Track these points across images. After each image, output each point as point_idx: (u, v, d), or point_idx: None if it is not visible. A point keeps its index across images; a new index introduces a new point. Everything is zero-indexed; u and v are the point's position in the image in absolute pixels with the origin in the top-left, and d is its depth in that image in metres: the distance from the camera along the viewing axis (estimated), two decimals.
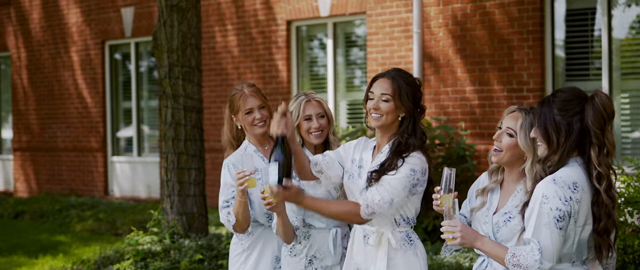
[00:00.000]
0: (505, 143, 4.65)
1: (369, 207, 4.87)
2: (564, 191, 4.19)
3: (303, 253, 5.43)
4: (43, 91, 18.57)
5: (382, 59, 12.99)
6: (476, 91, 11.99)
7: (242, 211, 5.45)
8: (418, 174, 4.91)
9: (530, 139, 4.54)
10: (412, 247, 5.03)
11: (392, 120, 4.96)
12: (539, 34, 11.45)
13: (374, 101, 4.94)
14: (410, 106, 4.94)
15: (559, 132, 4.29)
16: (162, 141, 9.89)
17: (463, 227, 4.35)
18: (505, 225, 4.59)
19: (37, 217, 16.08)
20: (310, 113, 5.47)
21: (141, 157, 17.01)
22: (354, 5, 13.33)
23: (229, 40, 15.02)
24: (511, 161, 4.66)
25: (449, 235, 4.35)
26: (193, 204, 9.84)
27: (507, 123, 4.67)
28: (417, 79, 5.06)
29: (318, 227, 5.42)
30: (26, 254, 12.33)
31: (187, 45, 9.80)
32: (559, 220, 4.18)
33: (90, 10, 17.36)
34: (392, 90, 4.91)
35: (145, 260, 9.07)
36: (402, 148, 4.92)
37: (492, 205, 4.71)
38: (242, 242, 5.69)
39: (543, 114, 4.33)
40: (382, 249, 4.99)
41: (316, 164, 5.09)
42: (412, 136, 4.94)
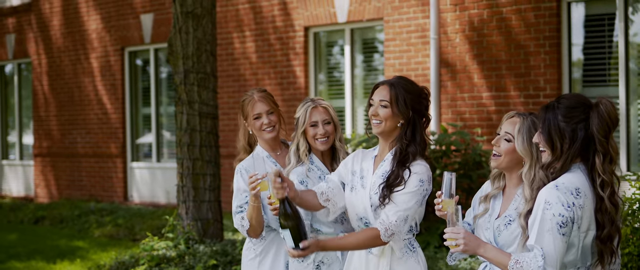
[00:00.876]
0: (504, 148, 4.66)
1: (387, 230, 4.88)
2: (567, 197, 4.19)
3: (310, 259, 5.44)
4: (63, 97, 18.69)
5: (399, 64, 13.00)
6: (493, 97, 11.98)
7: (255, 216, 5.48)
8: (426, 184, 4.95)
9: (528, 144, 4.55)
10: (414, 254, 5.05)
11: (391, 127, 4.98)
12: (556, 39, 11.43)
13: (373, 108, 4.99)
14: (408, 113, 4.95)
15: (563, 139, 4.29)
16: (178, 147, 9.94)
17: (466, 234, 4.35)
18: (505, 228, 4.59)
19: (56, 223, 16.18)
20: (316, 119, 5.49)
21: (160, 163, 17.08)
22: (371, 11, 13.35)
23: (247, 47, 15.07)
24: (510, 166, 4.67)
25: (452, 242, 4.34)
26: (208, 209, 9.88)
27: (505, 128, 4.68)
28: (422, 88, 5.07)
29: (326, 232, 5.44)
30: (44, 259, 12.41)
31: (202, 52, 9.85)
32: (561, 226, 4.18)
33: (110, 17, 17.47)
34: (390, 96, 4.94)
35: (159, 266, 9.12)
36: (403, 157, 4.94)
37: (495, 212, 4.72)
38: (254, 247, 5.72)
39: (547, 119, 4.33)
40: (385, 258, 5.00)
41: (322, 194, 5.10)
42: (411, 143, 4.96)
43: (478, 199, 4.84)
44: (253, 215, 5.48)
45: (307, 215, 5.43)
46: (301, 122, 5.51)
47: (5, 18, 20.13)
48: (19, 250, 13.21)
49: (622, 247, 8.17)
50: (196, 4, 9.79)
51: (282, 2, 14.52)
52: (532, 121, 4.60)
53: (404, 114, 4.95)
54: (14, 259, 12.53)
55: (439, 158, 11.06)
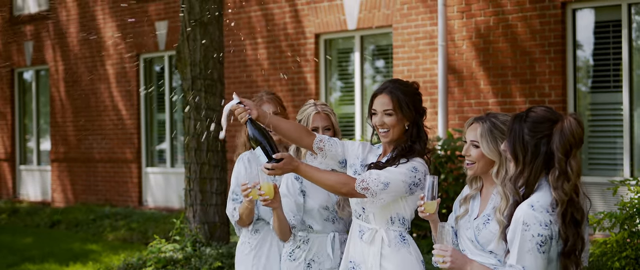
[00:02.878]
0: (474, 155, 4.77)
1: (364, 181, 4.96)
2: (543, 216, 4.26)
3: (302, 257, 5.59)
4: (80, 104, 18.94)
5: (408, 71, 13.15)
6: (499, 103, 12.12)
7: (247, 213, 5.72)
8: (420, 174, 5.04)
9: (493, 145, 4.68)
10: (406, 245, 5.14)
11: (399, 132, 5.12)
12: (561, 46, 11.56)
13: (378, 117, 5.11)
14: (413, 114, 5.10)
15: (526, 152, 4.34)
16: (185, 152, 10.13)
17: (454, 252, 4.46)
18: (484, 227, 4.71)
19: (72, 227, 16.41)
20: (317, 125, 5.59)
21: (174, 168, 17.28)
22: (380, 18, 13.52)
23: (259, 54, 15.26)
24: (485, 169, 4.80)
25: (440, 259, 4.46)
26: (215, 213, 10.06)
27: (469, 136, 4.80)
28: (413, 84, 5.20)
29: (316, 230, 5.59)
30: (57, 261, 12.62)
31: (210, 59, 10.04)
32: (541, 245, 4.25)
33: (126, 25, 17.70)
34: (393, 103, 5.06)
35: (166, 268, 9.30)
36: (405, 152, 5.08)
37: (474, 212, 4.85)
38: (249, 241, 5.89)
39: (514, 131, 4.39)
40: (376, 246, 5.12)
41: (320, 141, 5.22)
42: (416, 142, 5.11)
43: (459, 202, 4.98)
44: (245, 213, 5.71)
45: (299, 210, 5.60)
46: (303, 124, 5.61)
47: (24, 26, 20.41)
48: (33, 253, 13.43)
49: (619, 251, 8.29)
50: (203, 12, 9.98)
51: (293, 10, 14.71)
52: (492, 122, 4.73)
53: (408, 117, 5.09)
54: (28, 262, 12.75)
55: (444, 163, 11.20)
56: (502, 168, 4.70)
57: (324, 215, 5.60)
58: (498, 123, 4.72)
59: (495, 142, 4.70)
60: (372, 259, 5.13)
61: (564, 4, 11.56)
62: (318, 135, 5.26)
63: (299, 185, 5.62)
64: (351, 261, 5.24)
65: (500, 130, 4.70)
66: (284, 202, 5.52)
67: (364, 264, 5.18)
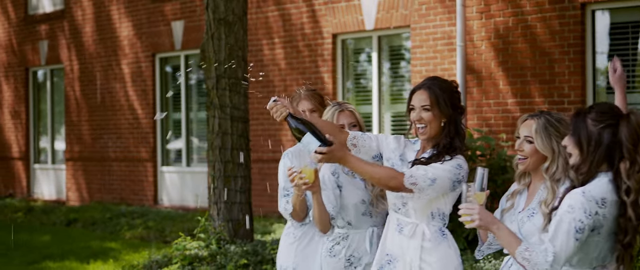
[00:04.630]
0: (528, 150, 4.89)
1: (412, 176, 5.02)
2: (590, 205, 4.35)
3: (342, 253, 5.65)
4: (95, 103, 19.03)
5: (426, 71, 13.21)
6: (518, 103, 12.18)
7: (299, 203, 5.69)
8: (463, 172, 5.12)
9: (547, 141, 4.80)
10: (445, 239, 5.22)
11: (436, 129, 5.17)
12: (580, 47, 11.62)
13: (416, 112, 5.17)
14: (450, 111, 5.16)
15: (589, 141, 4.46)
16: (210, 150, 10.20)
17: (480, 210, 4.51)
18: (529, 220, 4.83)
19: (88, 225, 16.48)
20: (343, 122, 5.65)
21: (190, 167, 17.36)
22: (398, 19, 13.58)
23: (276, 53, 15.33)
24: (536, 165, 4.91)
25: (467, 217, 4.52)
26: (239, 211, 10.14)
27: (523, 132, 4.92)
28: (452, 82, 5.29)
29: (354, 226, 5.65)
30: (78, 259, 12.70)
31: (234, 57, 10.12)
32: (577, 232, 4.34)
33: (141, 24, 17.79)
34: (431, 100, 5.12)
35: (192, 265, 9.38)
36: (448, 149, 5.15)
37: (519, 206, 4.97)
38: (294, 232, 5.94)
39: (577, 122, 4.51)
40: (416, 239, 5.19)
41: (354, 137, 5.28)
42: (455, 138, 5.18)
43: (506, 197, 5.09)
44: (297, 202, 5.70)
45: (337, 200, 5.65)
46: None
47: (39, 25, 20.51)
48: (52, 251, 13.50)
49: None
50: (228, 11, 10.06)
51: (310, 10, 14.78)
52: (546, 119, 4.87)
53: (445, 113, 5.16)
54: (48, 259, 12.83)
55: None
56: (554, 164, 4.82)
57: (361, 210, 5.66)
58: (552, 120, 4.85)
59: (549, 139, 4.82)
60: (412, 253, 5.19)
61: (583, 4, 11.62)
62: (351, 132, 5.33)
63: (335, 180, 5.69)
64: (388, 254, 5.30)
65: (554, 127, 4.83)
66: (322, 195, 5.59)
67: (402, 257, 5.23)
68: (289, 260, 5.93)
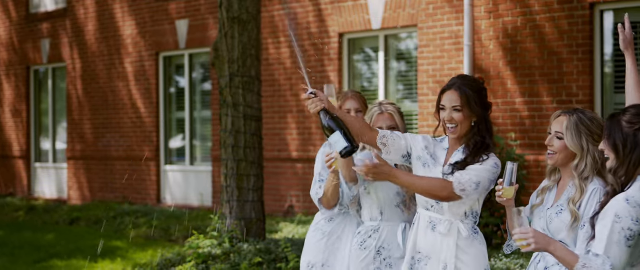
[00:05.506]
0: (557, 145, 4.96)
1: (461, 183, 5.11)
2: (637, 211, 4.38)
3: (372, 245, 5.69)
4: (97, 101, 19.02)
5: (432, 70, 13.24)
6: (526, 103, 12.21)
7: (332, 190, 5.76)
8: (499, 170, 5.22)
9: (577, 138, 4.86)
10: (478, 236, 5.32)
11: (467, 128, 5.24)
12: (588, 46, 11.65)
13: (446, 112, 5.22)
14: (480, 111, 5.23)
15: (625, 143, 4.50)
16: (222, 148, 10.20)
17: (535, 233, 4.53)
18: (557, 216, 4.89)
19: (91, 224, 16.46)
20: (380, 125, 5.68)
21: (193, 166, 17.36)
22: (405, 18, 13.60)
23: (281, 52, 15.34)
24: (565, 161, 4.98)
25: (523, 241, 4.52)
26: (251, 209, 10.15)
27: (555, 127, 4.98)
28: (479, 79, 5.35)
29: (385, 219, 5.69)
30: (85, 257, 12.68)
31: (247, 56, 10.13)
32: (628, 239, 4.39)
33: (145, 23, 17.78)
34: (461, 100, 5.18)
35: (206, 263, 9.38)
36: (479, 148, 5.22)
37: (548, 202, 5.02)
38: (322, 229, 5.98)
39: (612, 125, 4.55)
40: (452, 237, 5.24)
41: (384, 136, 5.29)
42: (486, 136, 5.25)
43: (536, 193, 5.14)
44: (330, 189, 5.76)
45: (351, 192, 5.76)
46: None
47: (40, 23, 20.49)
48: (58, 249, 13.49)
49: None
50: (242, 9, 10.07)
51: (317, 9, 14.79)
52: (578, 117, 4.93)
53: (476, 112, 5.21)
54: (55, 258, 12.81)
55: None
56: (582, 162, 4.88)
57: (395, 202, 5.70)
58: (585, 118, 4.91)
59: (580, 136, 4.88)
60: (447, 250, 5.24)
61: (592, 4, 11.66)
62: (381, 131, 5.34)
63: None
64: (420, 251, 5.33)
65: (585, 125, 4.89)
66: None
67: (435, 254, 5.27)
68: (318, 256, 5.96)
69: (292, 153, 15.29)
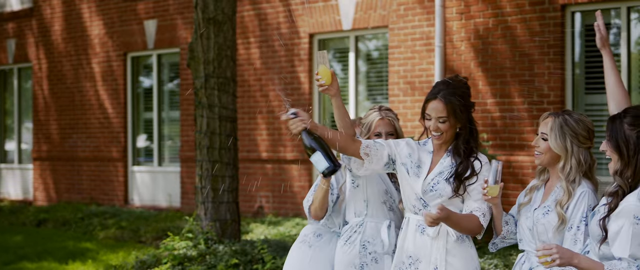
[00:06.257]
0: (543, 146, 5.06)
1: (485, 215, 5.20)
2: None
3: (357, 240, 5.70)
4: (64, 102, 18.87)
5: (403, 71, 13.27)
6: (497, 103, 12.27)
7: (321, 197, 5.77)
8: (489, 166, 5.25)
9: (561, 140, 4.95)
10: (467, 238, 5.34)
11: (452, 134, 5.28)
12: (560, 48, 11.73)
13: (432, 123, 5.24)
14: (465, 118, 5.25)
15: (628, 145, 4.57)
16: (197, 149, 10.17)
17: (558, 248, 4.48)
18: (543, 217, 4.97)
19: (59, 225, 16.34)
20: (380, 131, 5.71)
21: (161, 167, 17.28)
22: (376, 19, 13.62)
23: (251, 53, 15.31)
24: (551, 162, 5.07)
25: (548, 258, 4.48)
26: (226, 210, 10.12)
27: (541, 129, 5.08)
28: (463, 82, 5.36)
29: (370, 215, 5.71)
30: (56, 259, 12.59)
31: (223, 57, 10.11)
32: None
33: (113, 23, 17.68)
34: (447, 111, 5.19)
35: (182, 265, 9.35)
36: (467, 152, 5.26)
37: (536, 202, 5.10)
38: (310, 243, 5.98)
39: (614, 128, 4.62)
40: (441, 240, 5.27)
41: (367, 147, 5.30)
42: (471, 139, 5.29)
43: (524, 192, 5.23)
44: (319, 197, 5.78)
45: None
46: (366, 129, 5.75)
47: (6, 23, 20.30)
48: (27, 251, 13.37)
49: None
50: (218, 10, 10.04)
51: (287, 10, 14.78)
52: (564, 119, 5.00)
53: (462, 121, 5.25)
54: (25, 260, 12.71)
55: None
56: (567, 164, 4.96)
57: (381, 199, 5.72)
58: (570, 120, 4.97)
59: (564, 138, 4.96)
60: (437, 253, 5.25)
61: (563, 6, 11.74)
62: (364, 141, 5.34)
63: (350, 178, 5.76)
64: (410, 256, 5.34)
65: (570, 127, 4.95)
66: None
67: (425, 258, 5.29)
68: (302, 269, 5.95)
69: (262, 154, 15.27)
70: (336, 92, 5.37)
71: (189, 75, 16.10)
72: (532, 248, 5.07)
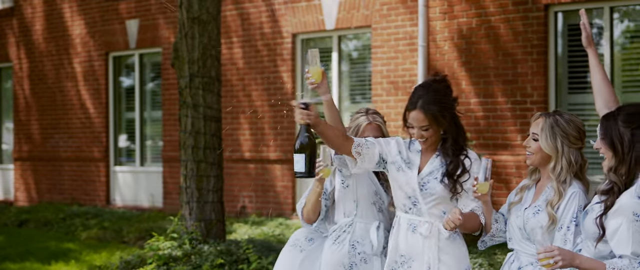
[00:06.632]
0: (533, 147, 5.07)
1: (483, 213, 5.23)
2: None
3: (346, 239, 5.69)
4: (45, 101, 18.79)
5: (387, 71, 13.28)
6: (481, 103, 12.30)
7: (313, 200, 5.73)
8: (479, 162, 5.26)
9: (551, 140, 4.96)
10: (458, 236, 5.36)
11: (437, 137, 5.30)
12: (543, 48, 11.77)
13: (415, 131, 5.25)
14: (448, 123, 5.26)
15: (622, 142, 4.59)
16: (182, 149, 10.14)
17: (560, 250, 4.50)
18: (533, 217, 4.99)
19: (41, 226, 16.26)
20: (367, 135, 5.66)
21: (143, 167, 17.23)
22: (359, 19, 13.63)
23: (234, 53, 15.29)
24: (542, 162, 5.08)
25: (550, 260, 4.48)
26: (211, 210, 10.10)
27: (532, 129, 5.09)
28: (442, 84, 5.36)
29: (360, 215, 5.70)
30: (38, 260, 12.54)
31: (208, 57, 10.09)
32: None
33: (95, 22, 17.61)
34: (428, 120, 5.20)
35: (167, 265, 9.32)
36: (456, 150, 5.28)
37: (526, 201, 5.12)
38: (302, 247, 5.92)
39: (608, 126, 4.65)
40: (433, 238, 5.28)
41: (358, 145, 5.30)
42: (458, 137, 5.30)
43: (515, 191, 5.25)
44: (311, 199, 5.74)
45: None
46: (353, 133, 5.71)
47: None
48: (9, 252, 13.31)
49: None
50: (202, 10, 10.03)
51: (270, 9, 14.76)
52: (555, 119, 5.02)
53: (444, 125, 5.26)
54: (7, 260, 12.64)
55: None
56: (558, 164, 4.98)
57: (370, 199, 5.70)
58: (561, 121, 4.98)
59: (554, 138, 4.97)
60: (429, 252, 5.26)
61: (546, 6, 11.78)
62: (356, 139, 5.34)
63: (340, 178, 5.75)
64: (403, 255, 5.35)
65: (561, 127, 4.97)
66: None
67: (418, 256, 5.30)
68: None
69: (245, 154, 15.25)
70: (326, 90, 5.38)
71: (171, 75, 16.07)
72: (521, 247, 5.08)
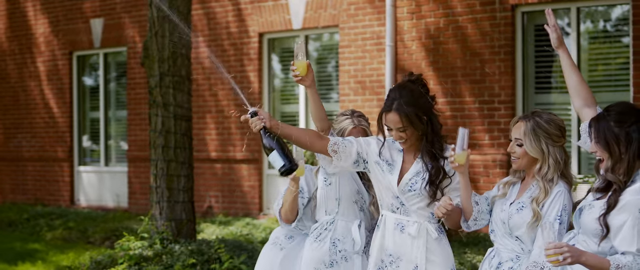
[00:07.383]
0: (519, 152, 5.09)
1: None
2: None
3: (327, 237, 5.72)
4: (8, 101, 18.62)
5: (354, 71, 13.30)
6: (448, 103, 12.35)
7: (290, 200, 5.75)
8: None
9: (536, 143, 4.99)
10: (444, 236, 5.40)
11: (416, 137, 5.29)
12: (510, 48, 11.84)
13: (394, 133, 5.26)
14: (424, 124, 5.25)
15: (619, 143, 4.64)
16: (152, 149, 10.09)
17: (568, 247, 4.50)
18: (517, 213, 5.02)
19: (5, 226, 16.10)
20: None
21: (108, 167, 17.13)
22: (326, 18, 13.64)
23: (200, 52, 15.24)
24: (529, 165, 5.11)
25: (559, 257, 4.47)
26: (182, 210, 10.05)
27: (514, 134, 5.11)
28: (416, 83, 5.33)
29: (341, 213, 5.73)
30: (4, 261, 12.41)
31: (178, 55, 10.05)
32: None
33: (59, 21, 17.48)
34: (403, 122, 5.19)
35: (138, 265, 9.27)
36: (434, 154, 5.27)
37: (511, 197, 5.15)
38: (282, 245, 5.95)
39: (601, 128, 4.69)
40: (422, 238, 5.29)
41: (335, 144, 5.30)
42: (435, 139, 5.28)
43: (500, 184, 5.26)
44: (288, 199, 5.76)
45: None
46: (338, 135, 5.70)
47: None
48: None
49: None
50: (172, 8, 9.98)
51: (236, 9, 14.73)
52: (535, 121, 5.03)
53: (420, 127, 5.24)
54: None
55: None
56: (545, 165, 5.01)
57: (352, 198, 5.72)
58: (541, 122, 5.01)
59: (539, 140, 5.00)
60: (417, 251, 5.27)
61: (514, 6, 11.85)
62: (332, 138, 5.34)
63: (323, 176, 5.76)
64: (391, 254, 5.35)
65: (543, 129, 4.99)
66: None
67: (405, 256, 5.30)
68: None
69: (211, 153, 15.20)
70: (311, 83, 5.40)
71: (137, 74, 15.99)
72: (503, 243, 5.09)
